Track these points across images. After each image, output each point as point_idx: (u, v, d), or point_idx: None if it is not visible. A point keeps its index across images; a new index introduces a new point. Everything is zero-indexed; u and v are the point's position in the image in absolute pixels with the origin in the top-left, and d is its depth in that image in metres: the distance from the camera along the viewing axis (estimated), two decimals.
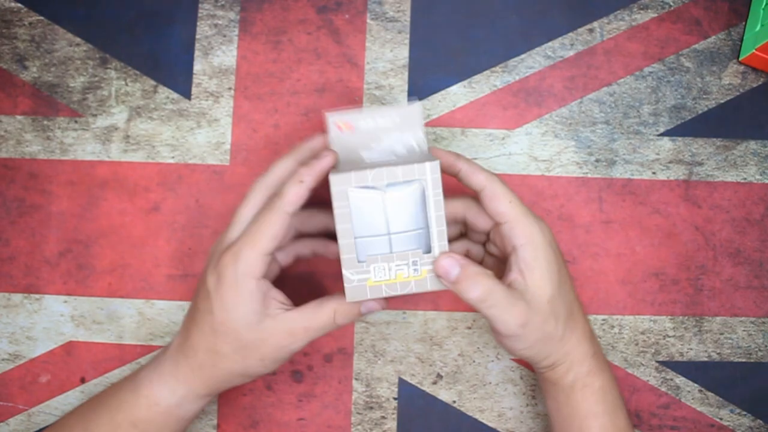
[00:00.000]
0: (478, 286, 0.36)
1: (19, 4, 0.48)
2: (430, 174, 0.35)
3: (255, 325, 0.37)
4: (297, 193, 0.36)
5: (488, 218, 0.39)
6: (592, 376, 0.39)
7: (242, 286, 0.36)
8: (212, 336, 0.37)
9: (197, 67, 0.48)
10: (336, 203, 0.35)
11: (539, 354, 0.39)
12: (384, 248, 0.36)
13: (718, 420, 0.46)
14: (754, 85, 0.48)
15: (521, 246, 0.37)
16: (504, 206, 0.38)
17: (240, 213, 0.39)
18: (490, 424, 0.46)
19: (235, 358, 0.37)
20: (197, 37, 0.48)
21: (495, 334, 0.39)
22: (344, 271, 0.36)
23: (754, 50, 0.46)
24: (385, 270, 0.36)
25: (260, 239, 0.36)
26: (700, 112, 0.48)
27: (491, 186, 0.38)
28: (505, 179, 0.47)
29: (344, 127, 0.38)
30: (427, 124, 0.48)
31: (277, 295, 0.38)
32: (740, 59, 0.48)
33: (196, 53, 0.48)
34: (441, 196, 0.35)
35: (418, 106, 0.38)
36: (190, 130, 0.47)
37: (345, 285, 0.36)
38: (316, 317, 0.37)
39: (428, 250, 0.36)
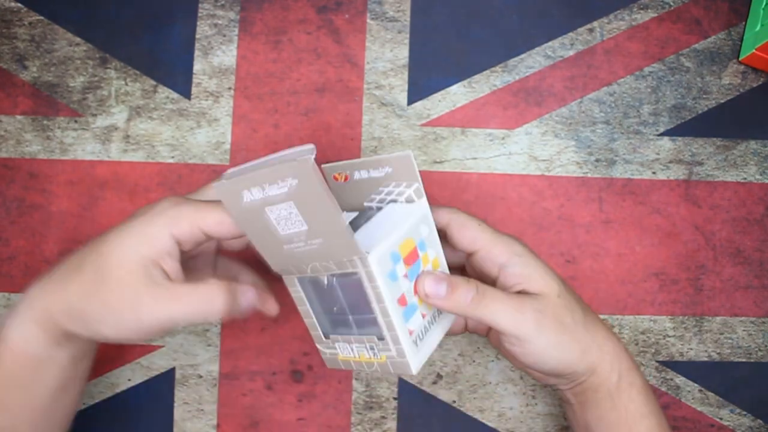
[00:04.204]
0: (471, 289, 0.34)
1: (19, 4, 0.48)
2: (363, 268, 0.32)
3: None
4: (216, 220, 0.33)
5: (473, 233, 0.37)
6: (633, 372, 0.36)
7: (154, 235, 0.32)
8: (91, 258, 0.33)
9: (197, 66, 0.48)
10: (289, 289, 0.35)
11: (569, 355, 0.35)
12: (347, 326, 0.35)
13: (718, 420, 0.46)
14: (754, 85, 0.48)
15: (507, 262, 0.36)
16: (473, 231, 0.36)
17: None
18: (490, 424, 0.46)
19: (98, 291, 0.32)
20: (197, 36, 0.48)
21: (515, 354, 0.36)
22: (316, 344, 0.36)
23: (754, 50, 0.46)
24: (348, 349, 0.35)
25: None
26: (700, 112, 0.48)
27: (456, 216, 0.37)
28: (505, 179, 0.47)
29: (340, 178, 0.38)
30: (427, 124, 0.48)
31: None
32: (740, 59, 0.48)
33: (196, 53, 0.48)
34: (380, 288, 0.32)
35: (409, 156, 0.35)
36: (190, 130, 0.47)
37: (321, 355, 0.36)
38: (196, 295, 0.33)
39: (383, 337, 0.34)
